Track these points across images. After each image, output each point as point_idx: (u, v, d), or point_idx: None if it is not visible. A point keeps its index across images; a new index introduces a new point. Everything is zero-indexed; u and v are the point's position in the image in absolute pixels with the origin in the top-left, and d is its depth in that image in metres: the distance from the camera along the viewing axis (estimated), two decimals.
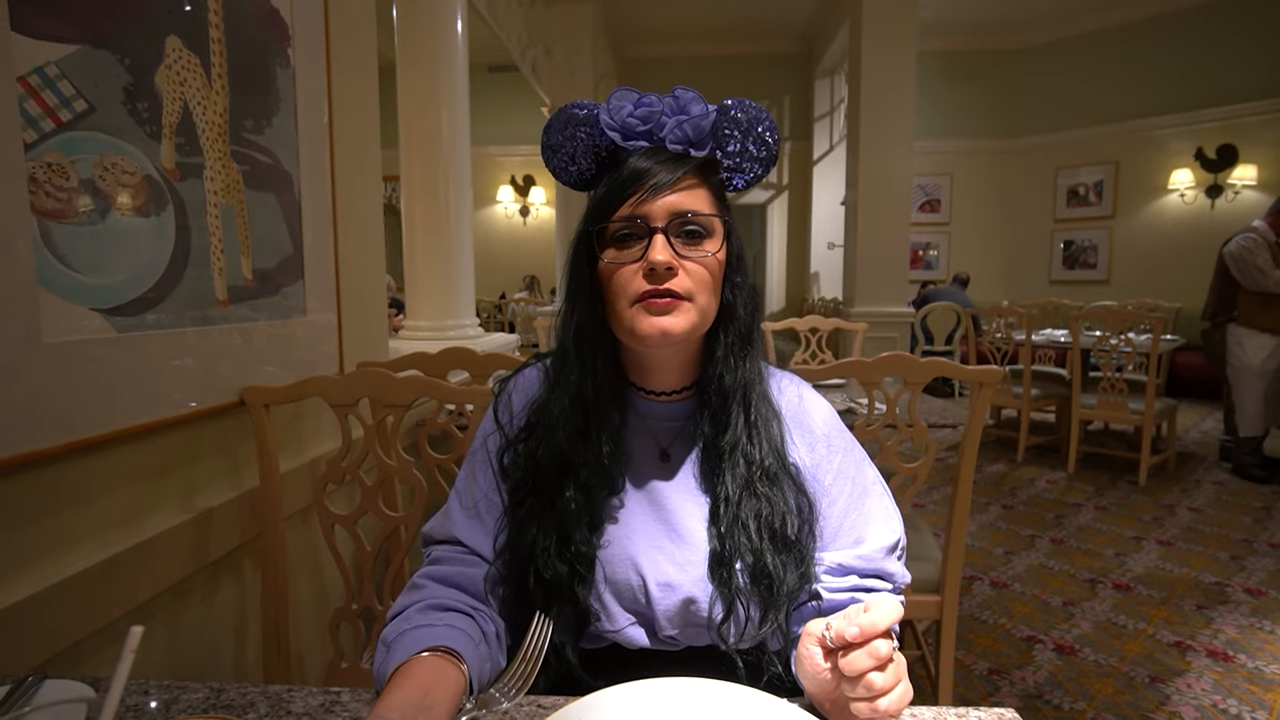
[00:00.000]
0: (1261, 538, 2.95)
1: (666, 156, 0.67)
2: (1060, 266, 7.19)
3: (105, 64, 0.86)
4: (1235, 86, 5.96)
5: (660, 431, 0.74)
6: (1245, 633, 2.17)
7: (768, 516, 0.67)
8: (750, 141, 0.70)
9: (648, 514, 0.71)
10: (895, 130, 4.65)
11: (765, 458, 0.69)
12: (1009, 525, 3.13)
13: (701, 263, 0.66)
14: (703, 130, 0.68)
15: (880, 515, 0.73)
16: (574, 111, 0.70)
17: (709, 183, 0.69)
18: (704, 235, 0.67)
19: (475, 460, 0.76)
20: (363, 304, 1.57)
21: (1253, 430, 3.68)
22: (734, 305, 0.71)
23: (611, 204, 0.67)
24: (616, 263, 0.66)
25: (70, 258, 0.81)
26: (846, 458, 0.75)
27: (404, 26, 2.30)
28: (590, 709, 0.53)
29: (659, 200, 0.65)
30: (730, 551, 0.67)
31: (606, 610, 0.69)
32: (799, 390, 0.77)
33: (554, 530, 0.68)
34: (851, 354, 3.38)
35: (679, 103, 0.68)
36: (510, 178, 7.94)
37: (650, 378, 0.73)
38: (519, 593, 0.69)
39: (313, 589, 1.39)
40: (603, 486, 0.70)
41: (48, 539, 0.81)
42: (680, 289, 0.65)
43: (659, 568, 0.68)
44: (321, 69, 1.37)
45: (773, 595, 0.66)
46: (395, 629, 0.62)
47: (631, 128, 0.68)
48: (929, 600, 1.47)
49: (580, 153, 0.72)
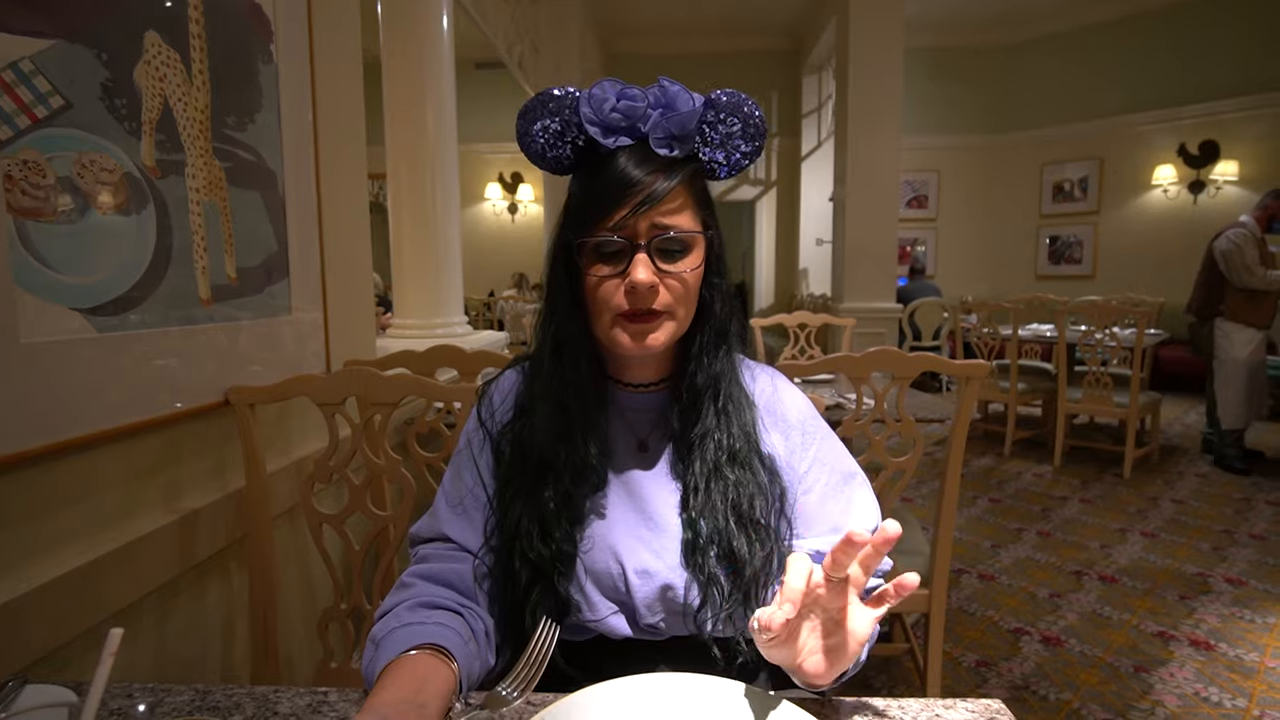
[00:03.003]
0: (1242, 528, 2.99)
1: (653, 166, 0.65)
2: (1046, 262, 7.25)
3: (82, 59, 0.84)
4: (1217, 83, 6.03)
5: (638, 423, 0.75)
6: (1226, 622, 2.20)
7: (734, 499, 0.68)
8: (737, 129, 0.69)
9: (626, 504, 0.72)
10: (883, 126, 4.67)
11: (735, 441, 0.70)
12: (996, 519, 3.16)
13: (680, 279, 0.66)
14: (688, 126, 0.66)
15: (858, 502, 0.74)
16: (551, 97, 0.68)
17: (694, 188, 0.68)
18: (686, 250, 0.67)
19: (460, 458, 0.77)
20: (349, 302, 1.56)
21: (1235, 423, 3.73)
22: (711, 304, 0.71)
23: (594, 216, 0.65)
24: (599, 275, 0.66)
25: (48, 257, 0.80)
26: (823, 445, 0.75)
27: (389, 22, 2.28)
28: (577, 706, 0.53)
29: (645, 216, 0.64)
30: (702, 537, 0.68)
31: (588, 600, 0.69)
32: (773, 382, 0.79)
33: (536, 519, 0.69)
34: (840, 349, 3.39)
35: (665, 96, 0.66)
36: (498, 175, 7.90)
37: (629, 372, 0.75)
38: (505, 574, 0.70)
39: (301, 589, 1.38)
40: (585, 484, 0.70)
41: (30, 542, 0.80)
42: (661, 306, 0.66)
43: (637, 555, 0.69)
44: (305, 65, 1.36)
45: (741, 578, 0.67)
46: (384, 627, 0.61)
47: (614, 123, 0.65)
48: (917, 594, 1.48)
49: (559, 140, 0.69)
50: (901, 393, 1.38)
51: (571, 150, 0.69)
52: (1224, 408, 3.73)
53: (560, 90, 0.68)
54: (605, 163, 0.66)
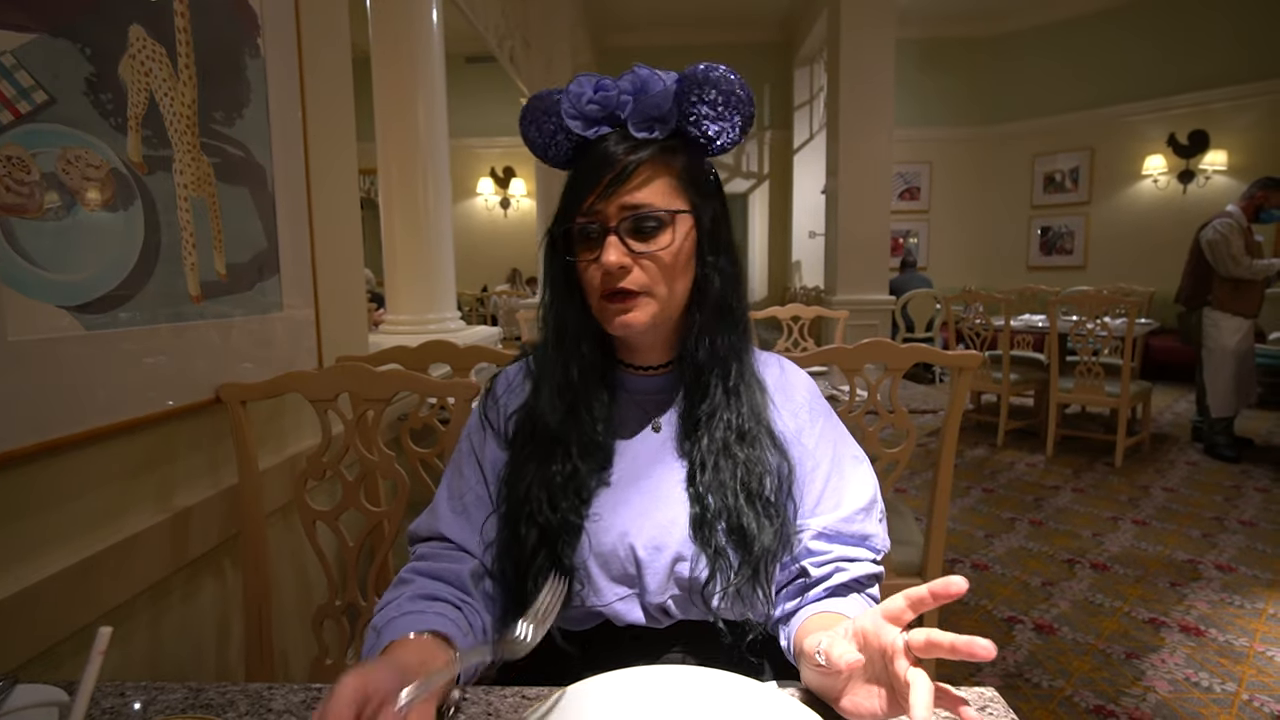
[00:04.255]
0: (1232, 515, 3.02)
1: (626, 146, 0.67)
2: (1038, 252, 7.27)
3: (66, 53, 0.83)
4: (1206, 73, 6.05)
5: (648, 404, 0.76)
6: (1216, 608, 2.22)
7: (744, 477, 0.69)
8: (720, 104, 0.69)
9: (635, 485, 0.72)
10: (875, 118, 4.67)
11: (745, 421, 0.71)
12: (989, 508, 3.18)
13: (653, 258, 0.67)
14: (664, 107, 0.67)
15: (856, 477, 0.75)
16: (542, 100, 0.72)
17: (672, 166, 0.69)
18: (657, 229, 0.67)
19: (461, 456, 0.77)
20: (341, 298, 1.55)
21: (1224, 411, 3.76)
22: (707, 283, 0.71)
23: (572, 203, 0.69)
24: (584, 260, 0.69)
25: (34, 253, 0.79)
26: (828, 423, 0.78)
27: (378, 17, 2.26)
28: (574, 698, 0.53)
29: (612, 199, 0.66)
30: (709, 513, 0.68)
31: (593, 583, 0.69)
32: (780, 364, 0.81)
33: (544, 487, 0.70)
34: (833, 341, 3.40)
35: (637, 80, 0.68)
36: (490, 169, 7.86)
37: (636, 354, 0.76)
38: (513, 538, 0.70)
39: (295, 586, 1.37)
40: (592, 459, 0.71)
41: (21, 541, 0.80)
42: (635, 285, 0.67)
43: (645, 533, 0.69)
44: (293, 59, 1.34)
45: (750, 554, 0.67)
46: (384, 616, 0.62)
47: (592, 115, 0.68)
48: (911, 584, 1.49)
49: (554, 140, 0.73)
50: (894, 384, 1.38)
51: (570, 146, 0.73)
52: (1213, 396, 3.76)
53: (548, 93, 0.72)
54: (586, 151, 0.69)
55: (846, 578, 0.69)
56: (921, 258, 7.53)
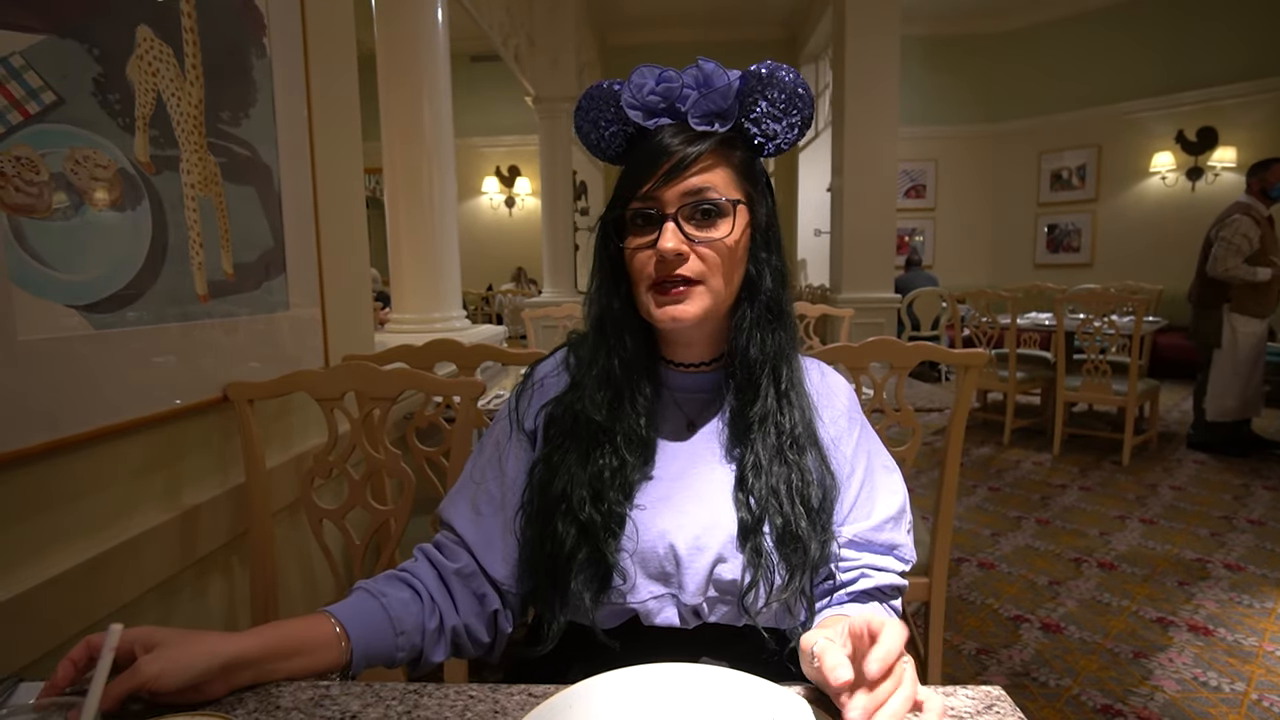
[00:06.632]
0: (1240, 514, 3.00)
1: (686, 137, 0.66)
2: (1044, 250, 7.23)
3: (74, 54, 0.84)
4: (1214, 69, 6.00)
5: (686, 403, 0.75)
6: (1225, 607, 2.21)
7: (798, 484, 0.68)
8: (781, 104, 0.69)
9: (675, 483, 0.71)
10: (880, 116, 4.65)
11: (795, 427, 0.70)
12: (996, 507, 3.17)
13: (712, 246, 0.66)
14: (727, 102, 0.67)
15: (887, 487, 0.75)
16: (600, 90, 0.71)
17: (731, 158, 0.68)
18: (717, 216, 0.67)
19: (484, 456, 0.76)
20: (347, 298, 1.55)
21: (1221, 415, 3.71)
22: (759, 279, 0.70)
23: (628, 190, 0.68)
24: (634, 247, 0.68)
25: (43, 253, 0.79)
26: (864, 432, 0.77)
27: (384, 16, 2.26)
28: (579, 697, 0.53)
29: (673, 185, 0.66)
30: (758, 518, 0.67)
31: (630, 579, 0.67)
32: (820, 369, 0.80)
33: (587, 486, 0.68)
34: (839, 340, 3.39)
35: (702, 74, 0.67)
36: (495, 168, 7.87)
37: (679, 351, 0.75)
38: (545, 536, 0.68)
39: (302, 584, 1.38)
40: (638, 455, 0.70)
41: (31, 539, 0.80)
42: (691, 273, 0.66)
43: (687, 532, 0.68)
44: (299, 59, 1.35)
45: (802, 559, 0.66)
46: (364, 582, 0.68)
47: (653, 105, 0.68)
48: (918, 582, 1.49)
49: (609, 131, 0.73)
50: (900, 382, 1.38)
51: (624, 139, 0.73)
52: (1214, 399, 3.72)
53: (606, 84, 0.71)
54: (646, 140, 0.69)
55: (870, 585, 0.69)
56: (927, 256, 7.50)
